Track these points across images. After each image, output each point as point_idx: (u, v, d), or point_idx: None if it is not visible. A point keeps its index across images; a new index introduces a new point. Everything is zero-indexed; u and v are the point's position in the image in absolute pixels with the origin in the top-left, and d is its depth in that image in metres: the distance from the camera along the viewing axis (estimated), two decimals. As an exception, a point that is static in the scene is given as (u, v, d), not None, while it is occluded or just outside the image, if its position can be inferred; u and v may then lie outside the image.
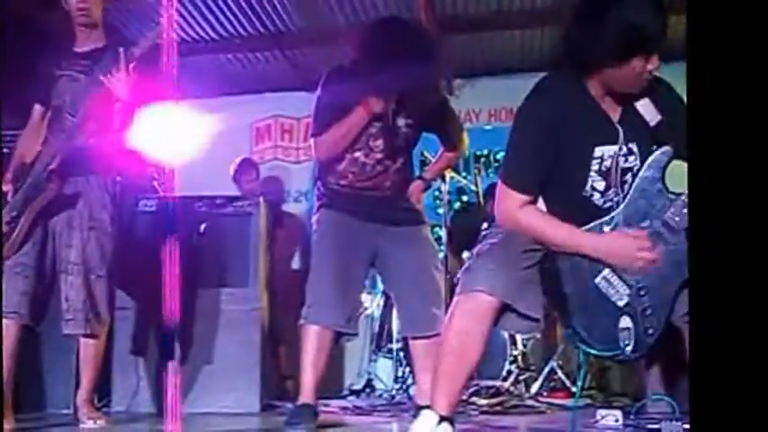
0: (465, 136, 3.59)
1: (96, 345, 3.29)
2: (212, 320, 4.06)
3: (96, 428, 3.23)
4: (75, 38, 3.34)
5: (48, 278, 3.21)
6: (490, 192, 5.07)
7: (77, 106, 3.15)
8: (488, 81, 6.11)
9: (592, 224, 2.18)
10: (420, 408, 3.39)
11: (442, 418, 2.20)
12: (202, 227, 4.15)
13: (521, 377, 4.58)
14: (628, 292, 2.13)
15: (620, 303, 2.13)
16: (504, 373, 4.49)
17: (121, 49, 3.06)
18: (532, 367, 4.71)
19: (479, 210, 5.23)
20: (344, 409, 4.11)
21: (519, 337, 4.66)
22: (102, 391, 3.82)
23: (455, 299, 2.22)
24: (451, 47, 5.44)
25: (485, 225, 4.68)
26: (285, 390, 4.63)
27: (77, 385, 3.43)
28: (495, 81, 6.10)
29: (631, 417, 3.11)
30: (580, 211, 2.20)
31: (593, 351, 2.15)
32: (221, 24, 5.55)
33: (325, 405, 3.91)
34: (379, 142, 3.23)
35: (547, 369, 4.65)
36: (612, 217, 2.18)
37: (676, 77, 2.27)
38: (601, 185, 2.22)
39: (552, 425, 3.47)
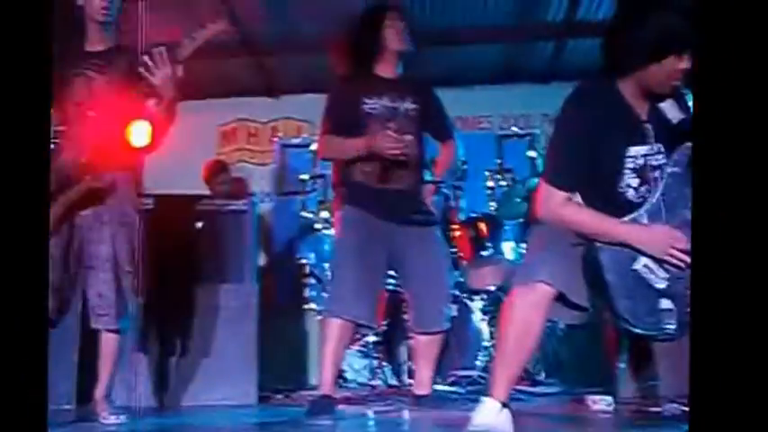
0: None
1: (118, 339, 3.29)
2: (210, 315, 4.18)
3: (119, 423, 3.20)
4: (86, 37, 3.36)
5: (71, 272, 3.20)
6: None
7: (96, 103, 3.19)
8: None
9: (627, 217, 2.35)
10: (418, 397, 3.63)
11: (503, 405, 2.33)
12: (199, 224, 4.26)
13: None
14: (667, 276, 2.31)
15: (660, 287, 2.30)
16: (478, 363, 4.64)
17: (163, 49, 3.14)
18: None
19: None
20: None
21: (486, 330, 4.77)
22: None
23: (513, 290, 2.38)
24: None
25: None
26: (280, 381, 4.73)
27: (80, 381, 3.44)
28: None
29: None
30: (615, 206, 2.38)
31: (638, 331, 2.32)
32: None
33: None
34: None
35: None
36: (645, 210, 2.35)
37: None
38: (634, 182, 2.42)
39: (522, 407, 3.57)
